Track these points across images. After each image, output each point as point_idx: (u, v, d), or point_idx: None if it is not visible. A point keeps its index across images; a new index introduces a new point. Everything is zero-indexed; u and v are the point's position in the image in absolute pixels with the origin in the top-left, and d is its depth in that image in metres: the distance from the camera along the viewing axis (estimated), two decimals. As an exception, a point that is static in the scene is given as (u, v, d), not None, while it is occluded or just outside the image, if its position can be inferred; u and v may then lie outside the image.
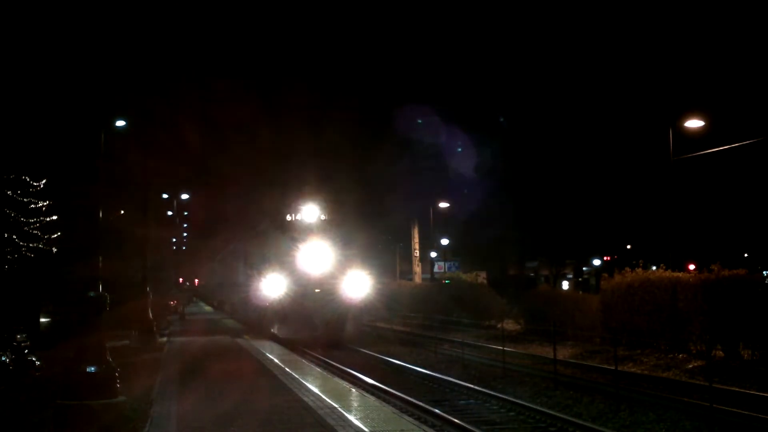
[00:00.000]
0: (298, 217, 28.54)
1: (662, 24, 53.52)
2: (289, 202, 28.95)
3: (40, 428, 11.59)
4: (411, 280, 50.46)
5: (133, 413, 12.44)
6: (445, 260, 57.40)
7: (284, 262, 27.34)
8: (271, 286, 27.39)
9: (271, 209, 31.33)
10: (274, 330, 28.36)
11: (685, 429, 12.66)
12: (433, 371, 20.33)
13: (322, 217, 28.41)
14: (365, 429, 10.63)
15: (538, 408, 14.46)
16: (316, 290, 27.00)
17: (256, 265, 30.84)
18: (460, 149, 49.21)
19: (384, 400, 15.07)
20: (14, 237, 36.45)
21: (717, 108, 38.23)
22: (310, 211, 28.39)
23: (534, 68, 52.97)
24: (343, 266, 27.37)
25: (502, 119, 51.37)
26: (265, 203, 33.33)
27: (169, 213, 57.99)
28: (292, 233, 28.06)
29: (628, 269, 23.52)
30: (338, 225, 28.33)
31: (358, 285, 27.39)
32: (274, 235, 29.05)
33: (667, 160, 29.44)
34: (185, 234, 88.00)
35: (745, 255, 57.15)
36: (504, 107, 51.90)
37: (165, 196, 50.32)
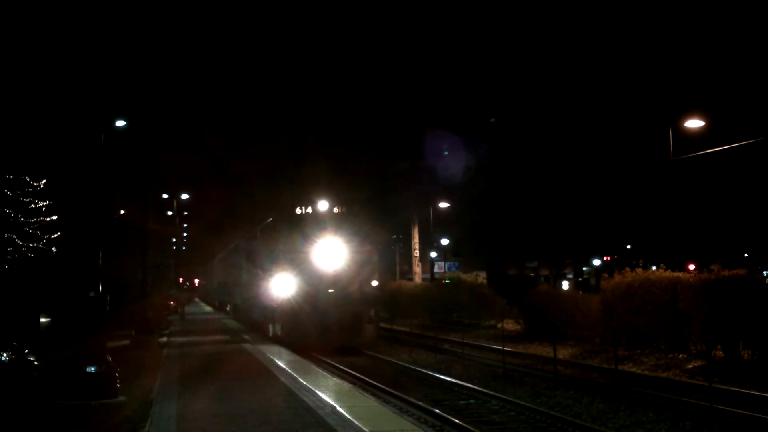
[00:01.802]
0: (309, 210, 26.32)
1: (662, 24, 53.54)
2: (300, 194, 26.91)
3: (40, 428, 11.58)
4: (411, 280, 50.46)
5: (133, 413, 12.44)
6: (445, 260, 57.37)
7: (294, 260, 25.14)
8: (280, 286, 25.35)
9: (279, 203, 29.37)
10: (280, 332, 26.39)
11: (685, 429, 12.65)
12: (432, 371, 20.33)
13: (335, 210, 26.30)
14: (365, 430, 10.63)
15: (538, 408, 14.46)
16: (330, 290, 24.86)
17: (263, 263, 28.73)
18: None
19: (384, 401, 15.08)
20: (14, 237, 36.46)
21: (717, 108, 38.25)
22: (322, 204, 26.18)
23: (534, 68, 52.97)
24: (358, 264, 25.43)
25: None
26: (273, 198, 31.89)
27: (169, 213, 57.93)
28: (302, 228, 25.72)
29: (628, 269, 23.51)
30: (353, 219, 26.21)
31: (374, 285, 25.66)
32: (283, 230, 26.63)
33: (667, 160, 29.45)
34: (185, 234, 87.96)
35: (745, 255, 57.14)
36: (504, 107, 51.89)
37: (165, 196, 50.22)
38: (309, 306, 24.46)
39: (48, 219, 37.78)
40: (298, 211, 26.55)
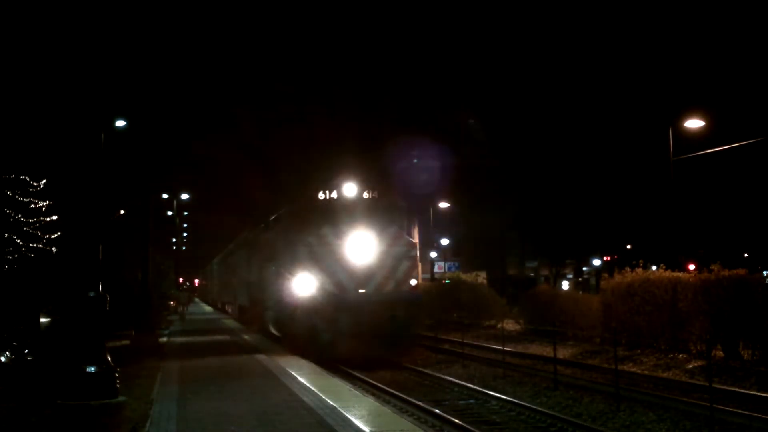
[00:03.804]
0: (335, 195, 22.17)
1: (662, 24, 53.60)
2: (323, 177, 23.07)
3: (40, 428, 11.59)
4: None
5: (133, 413, 12.44)
6: (445, 260, 57.38)
7: (317, 254, 21.20)
8: (298, 285, 21.33)
9: (299, 189, 25.70)
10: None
11: (685, 429, 12.65)
12: (432, 371, 20.35)
13: (365, 194, 22.29)
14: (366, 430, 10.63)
15: (538, 408, 14.45)
16: (361, 290, 21.14)
17: (276, 258, 24.64)
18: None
19: (384, 401, 15.09)
20: (14, 237, 36.47)
21: (717, 108, 38.29)
22: (350, 188, 22.09)
23: (535, 67, 53.03)
24: (395, 259, 21.58)
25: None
26: (287, 186, 29.45)
27: (169, 213, 57.92)
28: (327, 216, 21.74)
29: (628, 269, 23.53)
30: (387, 206, 22.46)
31: (414, 283, 21.98)
32: (303, 219, 22.25)
33: (667, 160, 29.48)
34: (185, 234, 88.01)
35: (745, 255, 57.16)
36: (504, 106, 51.92)
37: (165, 195, 50.20)
38: (335, 309, 20.61)
39: (48, 219, 37.79)
40: (321, 196, 22.34)
